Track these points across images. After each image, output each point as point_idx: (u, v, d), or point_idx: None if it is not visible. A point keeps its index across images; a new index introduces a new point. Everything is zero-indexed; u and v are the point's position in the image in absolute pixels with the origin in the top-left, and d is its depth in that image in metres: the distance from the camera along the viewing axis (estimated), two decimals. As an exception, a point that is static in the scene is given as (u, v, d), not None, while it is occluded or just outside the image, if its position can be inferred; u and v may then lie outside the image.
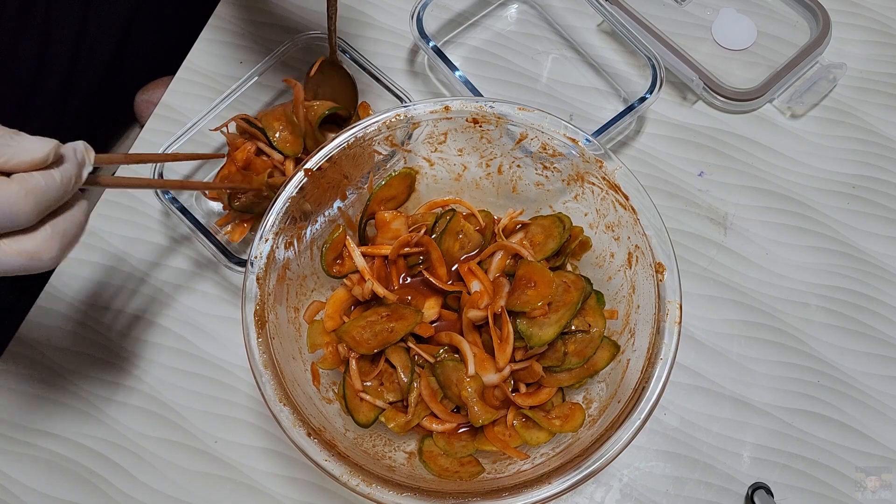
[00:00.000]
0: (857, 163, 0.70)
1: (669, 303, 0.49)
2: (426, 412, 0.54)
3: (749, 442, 0.61)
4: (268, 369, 0.48)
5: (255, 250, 0.51)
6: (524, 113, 0.54)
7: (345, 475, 0.46)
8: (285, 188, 0.52)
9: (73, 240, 0.39)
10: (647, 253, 0.51)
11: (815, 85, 0.71)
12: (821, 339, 0.64)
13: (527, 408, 0.53)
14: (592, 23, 0.75)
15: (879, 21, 0.76)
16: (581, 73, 0.74)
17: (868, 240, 0.68)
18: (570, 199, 0.58)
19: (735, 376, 0.63)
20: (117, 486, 0.60)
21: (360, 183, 0.58)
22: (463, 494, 0.46)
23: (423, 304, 0.56)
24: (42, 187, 0.36)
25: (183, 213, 0.61)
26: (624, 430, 0.46)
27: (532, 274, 0.53)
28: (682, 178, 0.70)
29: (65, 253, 0.39)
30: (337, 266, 0.56)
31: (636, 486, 0.60)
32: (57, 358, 0.63)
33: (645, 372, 0.48)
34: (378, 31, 0.75)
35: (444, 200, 0.61)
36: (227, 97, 0.65)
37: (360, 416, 0.53)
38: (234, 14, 0.76)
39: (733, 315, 0.65)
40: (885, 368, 0.63)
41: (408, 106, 0.55)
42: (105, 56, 0.81)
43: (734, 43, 0.74)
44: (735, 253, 0.67)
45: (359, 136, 0.54)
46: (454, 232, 0.57)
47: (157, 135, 0.71)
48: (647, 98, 0.64)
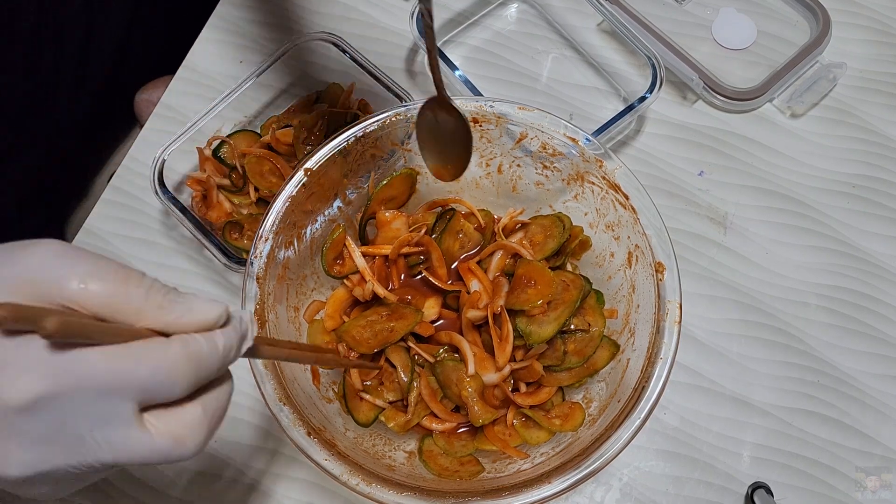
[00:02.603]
0: (857, 162, 0.70)
1: (669, 302, 0.49)
2: (426, 412, 0.54)
3: (749, 441, 0.61)
4: (268, 369, 0.48)
5: (255, 250, 0.51)
6: (524, 112, 0.54)
7: (345, 475, 0.46)
8: (285, 188, 0.52)
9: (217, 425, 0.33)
10: (647, 252, 0.51)
11: (815, 84, 0.71)
12: (821, 338, 0.64)
13: (527, 407, 0.53)
14: (592, 22, 0.75)
15: (879, 21, 0.76)
16: (581, 73, 0.74)
17: (868, 239, 0.68)
18: (570, 198, 0.58)
19: (735, 376, 0.63)
20: (117, 485, 0.60)
21: (360, 183, 0.58)
22: (463, 494, 0.46)
23: (423, 304, 0.56)
24: (205, 353, 0.30)
25: (183, 213, 0.61)
26: (624, 429, 0.46)
27: (532, 273, 0.53)
28: (682, 177, 0.70)
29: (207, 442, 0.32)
30: (337, 266, 0.56)
31: (636, 486, 0.60)
32: (57, 358, 0.63)
33: (645, 371, 0.48)
34: (378, 30, 0.75)
35: (445, 200, 0.61)
36: (227, 97, 0.65)
37: (360, 415, 0.53)
38: (234, 14, 0.76)
39: (733, 315, 0.65)
40: (885, 368, 0.63)
41: (408, 105, 0.55)
42: (107, 56, 0.81)
43: (734, 42, 0.74)
44: (735, 252, 0.67)
45: (359, 136, 0.54)
46: (454, 231, 0.57)
47: (157, 134, 0.71)
48: (647, 97, 0.64)
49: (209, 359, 0.31)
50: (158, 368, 0.29)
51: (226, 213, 0.64)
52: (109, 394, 0.28)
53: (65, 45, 0.76)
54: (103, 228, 0.67)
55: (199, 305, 0.31)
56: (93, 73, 0.80)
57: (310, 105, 0.69)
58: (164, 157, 0.62)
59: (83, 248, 0.31)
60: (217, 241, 0.60)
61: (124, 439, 0.29)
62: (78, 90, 0.79)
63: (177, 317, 0.30)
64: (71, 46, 0.77)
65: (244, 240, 0.62)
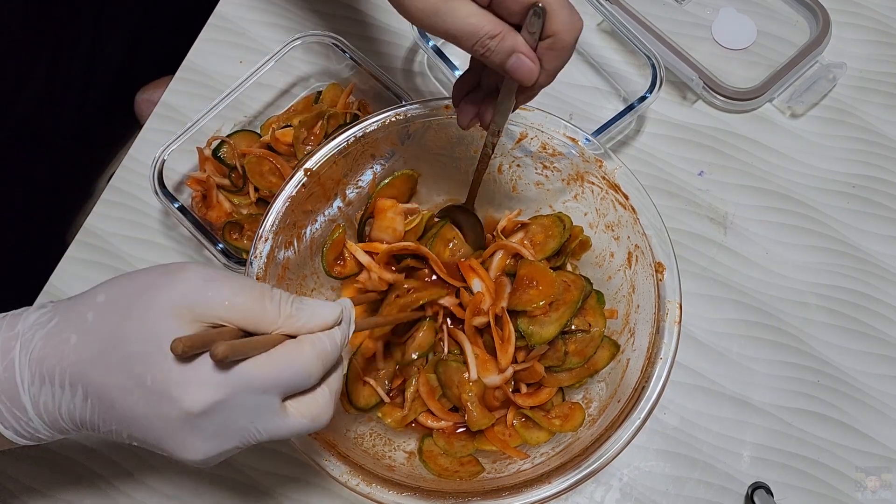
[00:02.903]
0: (857, 162, 0.70)
1: (669, 302, 0.49)
2: (423, 408, 0.54)
3: (749, 441, 0.61)
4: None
5: (255, 250, 0.51)
6: (524, 112, 0.54)
7: (345, 475, 0.46)
8: (285, 188, 0.52)
9: (338, 396, 0.40)
10: (647, 252, 0.51)
11: (815, 84, 0.71)
12: (821, 338, 0.64)
13: (527, 407, 0.53)
14: (592, 22, 0.75)
15: (879, 21, 0.76)
16: (581, 73, 0.74)
17: (868, 239, 0.68)
18: (569, 198, 0.58)
19: (735, 376, 0.63)
20: (118, 486, 0.60)
21: (360, 183, 0.58)
22: (463, 494, 0.46)
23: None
24: (328, 350, 0.38)
25: (183, 213, 0.61)
26: (624, 429, 0.46)
27: (534, 273, 0.54)
28: (682, 177, 0.70)
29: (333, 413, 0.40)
30: (338, 267, 0.56)
31: (636, 486, 0.60)
32: (57, 358, 0.63)
33: (645, 371, 0.48)
34: (378, 30, 0.75)
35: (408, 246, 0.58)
36: (227, 97, 0.65)
37: (360, 399, 0.53)
38: (234, 14, 0.76)
39: (733, 315, 0.65)
40: (885, 368, 0.63)
41: (408, 105, 0.55)
42: (107, 56, 0.81)
43: (734, 42, 0.74)
44: (735, 252, 0.67)
45: (359, 136, 0.54)
46: (446, 239, 0.57)
47: (157, 134, 0.71)
48: (647, 97, 0.64)
49: (333, 352, 0.38)
50: (297, 369, 0.36)
51: (226, 213, 0.64)
52: (262, 394, 0.36)
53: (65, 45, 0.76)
54: (103, 228, 0.67)
55: (320, 311, 0.38)
56: (93, 73, 0.80)
57: (310, 105, 0.69)
58: (164, 157, 0.62)
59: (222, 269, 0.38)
60: (217, 241, 0.60)
61: (275, 424, 0.37)
62: (78, 90, 0.79)
63: (303, 323, 0.37)
64: (71, 47, 0.77)
65: (244, 240, 0.62)
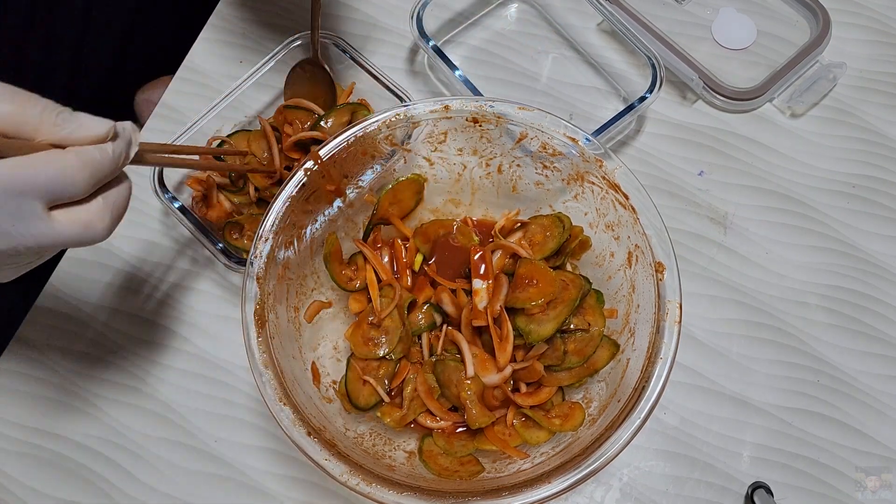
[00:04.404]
0: (856, 162, 0.70)
1: (669, 302, 0.49)
2: (422, 408, 0.54)
3: (749, 441, 0.61)
4: (268, 369, 0.48)
5: (255, 250, 0.51)
6: (524, 112, 0.54)
7: (345, 475, 0.46)
8: (285, 188, 0.52)
9: (121, 212, 0.40)
10: (647, 252, 0.51)
11: (815, 84, 0.71)
12: (821, 338, 0.64)
13: (527, 407, 0.53)
14: (592, 22, 0.75)
15: (879, 21, 0.76)
16: (581, 73, 0.74)
17: (868, 239, 0.68)
18: (569, 198, 0.58)
19: (735, 376, 0.63)
20: (117, 485, 0.60)
21: (359, 183, 0.58)
22: (463, 494, 0.46)
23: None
24: (97, 160, 0.37)
25: (182, 212, 0.61)
26: (624, 429, 0.46)
27: (533, 272, 0.54)
28: (682, 177, 0.70)
29: (115, 225, 0.40)
30: (350, 282, 0.57)
31: (636, 486, 0.60)
32: (57, 358, 0.63)
33: (645, 371, 0.48)
34: (378, 30, 0.75)
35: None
36: (227, 97, 0.65)
37: (360, 399, 0.53)
38: (234, 14, 0.76)
39: (733, 314, 0.65)
40: (885, 368, 0.63)
41: (408, 105, 0.55)
42: (107, 56, 0.81)
43: (734, 42, 0.74)
44: (735, 252, 0.67)
45: (359, 136, 0.54)
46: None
47: (157, 134, 0.71)
48: (647, 97, 0.64)
49: (102, 162, 0.37)
50: (57, 172, 0.35)
51: (226, 213, 0.64)
52: (19, 195, 0.35)
53: (65, 44, 0.76)
54: (103, 228, 0.67)
55: (88, 122, 0.37)
56: (93, 72, 0.80)
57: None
58: (164, 156, 0.62)
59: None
60: (217, 241, 0.60)
61: (38, 229, 0.36)
62: (78, 90, 0.79)
63: (70, 132, 0.37)
64: (71, 46, 0.77)
65: (244, 240, 0.62)
